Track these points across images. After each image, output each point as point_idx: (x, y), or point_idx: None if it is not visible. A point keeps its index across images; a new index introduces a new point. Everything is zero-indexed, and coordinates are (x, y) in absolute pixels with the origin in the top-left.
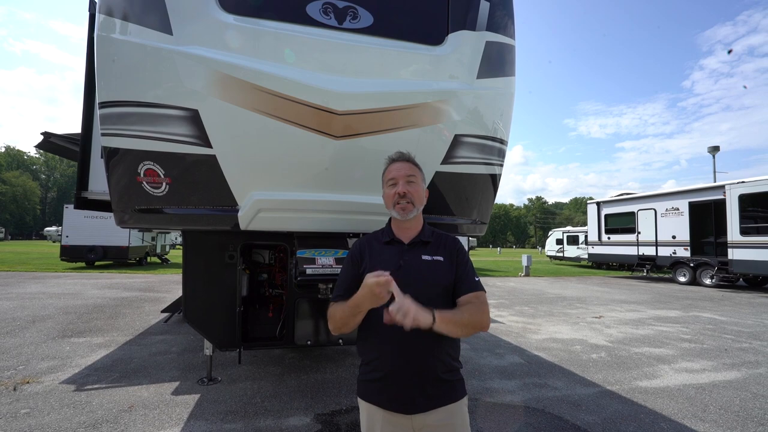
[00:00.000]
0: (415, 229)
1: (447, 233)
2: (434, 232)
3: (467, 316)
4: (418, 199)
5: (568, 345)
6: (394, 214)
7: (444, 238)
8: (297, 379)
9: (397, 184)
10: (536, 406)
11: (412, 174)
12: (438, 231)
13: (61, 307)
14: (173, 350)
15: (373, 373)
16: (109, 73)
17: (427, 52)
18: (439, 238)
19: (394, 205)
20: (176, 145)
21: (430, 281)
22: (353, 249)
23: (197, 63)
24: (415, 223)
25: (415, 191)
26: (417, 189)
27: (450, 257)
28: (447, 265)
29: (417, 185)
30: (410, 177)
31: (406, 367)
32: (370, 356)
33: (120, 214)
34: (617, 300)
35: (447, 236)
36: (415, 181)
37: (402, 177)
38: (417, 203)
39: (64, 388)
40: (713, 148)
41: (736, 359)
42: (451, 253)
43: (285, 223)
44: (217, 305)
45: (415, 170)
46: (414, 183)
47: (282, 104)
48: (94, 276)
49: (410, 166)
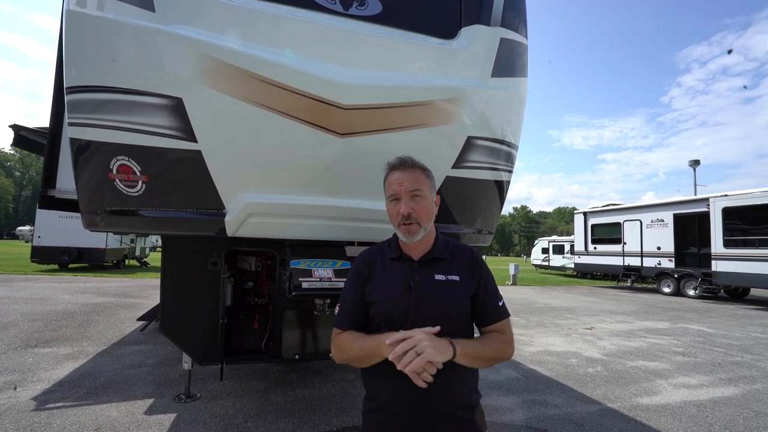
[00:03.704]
0: (426, 243)
1: (463, 244)
2: (449, 244)
3: (490, 350)
4: (426, 216)
5: (563, 358)
6: (399, 234)
7: (461, 251)
8: (283, 396)
9: (400, 201)
10: (538, 426)
11: (417, 187)
12: (453, 242)
13: (26, 313)
14: (149, 362)
15: (379, 408)
16: (79, 54)
17: (440, 45)
18: (454, 252)
19: (398, 225)
20: (155, 138)
21: (446, 306)
22: (358, 264)
23: (183, 45)
24: (426, 237)
25: (421, 209)
26: (424, 205)
27: (468, 275)
28: (464, 284)
29: (424, 200)
30: (415, 191)
31: (417, 404)
32: (376, 389)
33: (89, 216)
34: (606, 310)
35: (464, 249)
36: (422, 195)
37: (405, 193)
38: (424, 222)
39: (23, 407)
40: (694, 161)
41: (731, 374)
42: (470, 270)
43: (277, 229)
44: (197, 316)
45: (421, 180)
46: (420, 197)
47: (279, 95)
48: (66, 279)
49: (414, 175)
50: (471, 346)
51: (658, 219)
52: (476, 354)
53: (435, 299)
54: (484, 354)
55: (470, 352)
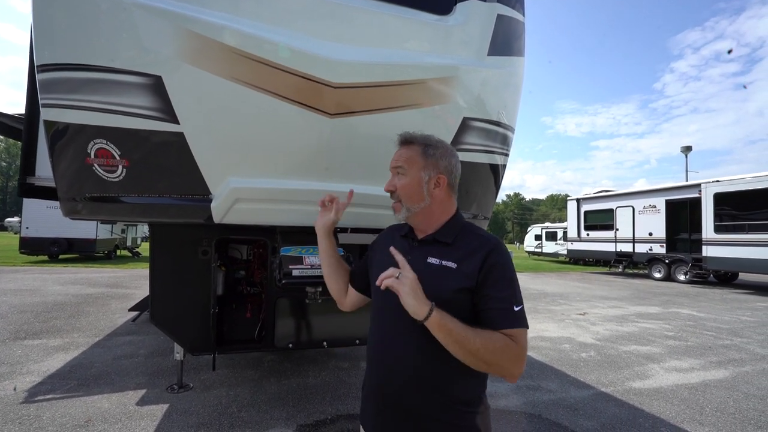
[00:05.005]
0: (434, 223)
1: (483, 232)
2: (463, 228)
3: (481, 342)
4: (406, 195)
5: (556, 344)
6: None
7: (470, 238)
8: (277, 385)
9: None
10: (532, 412)
11: (400, 164)
12: (469, 227)
13: (15, 305)
14: (141, 353)
15: (363, 389)
16: (50, 28)
17: (434, 21)
18: (462, 238)
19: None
20: (134, 120)
21: (428, 292)
22: (375, 240)
23: (161, 18)
24: (431, 217)
25: (401, 186)
26: (406, 183)
27: (470, 265)
28: (460, 273)
29: (407, 177)
30: (398, 168)
31: (390, 392)
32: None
33: (69, 203)
34: (598, 296)
35: (476, 236)
36: (405, 173)
37: (391, 168)
38: (406, 201)
39: (11, 399)
40: (686, 147)
41: (721, 357)
42: (475, 260)
43: (267, 215)
44: (188, 306)
45: (409, 155)
46: (403, 175)
47: (265, 72)
48: (56, 270)
49: (406, 151)
50: (455, 323)
51: (651, 205)
52: (458, 336)
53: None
54: (472, 344)
55: (451, 328)
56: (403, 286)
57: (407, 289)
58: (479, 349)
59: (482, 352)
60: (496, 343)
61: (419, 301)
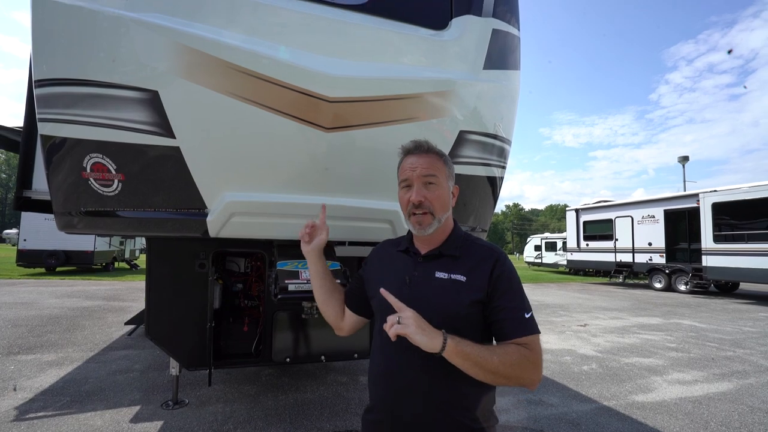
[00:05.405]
0: (440, 237)
1: (485, 243)
2: (467, 240)
3: (499, 360)
4: (440, 206)
5: (557, 356)
6: (410, 227)
7: (476, 249)
8: (274, 400)
9: (412, 187)
10: (534, 427)
11: (432, 173)
12: (473, 239)
13: (10, 318)
14: (136, 368)
15: (369, 413)
16: (47, 44)
17: (430, 36)
18: (468, 250)
19: (409, 216)
20: (130, 134)
21: (440, 307)
22: (368, 257)
23: (157, 34)
24: (439, 231)
25: (435, 197)
26: (439, 193)
27: (480, 277)
28: (471, 286)
29: (439, 188)
30: (429, 177)
31: (403, 415)
32: (370, 390)
33: (64, 217)
34: (599, 307)
35: (481, 247)
36: (437, 182)
37: (417, 178)
38: (438, 212)
39: (1, 417)
40: (683, 158)
41: (724, 369)
42: (484, 271)
43: (262, 229)
44: (185, 319)
45: (437, 165)
46: (435, 185)
47: (261, 87)
48: (53, 283)
49: (430, 159)
50: (471, 347)
51: (649, 215)
52: (476, 358)
53: (428, 298)
54: (490, 363)
55: (468, 353)
56: (407, 327)
57: (413, 329)
58: (498, 366)
59: (501, 369)
60: (513, 356)
61: (430, 336)
